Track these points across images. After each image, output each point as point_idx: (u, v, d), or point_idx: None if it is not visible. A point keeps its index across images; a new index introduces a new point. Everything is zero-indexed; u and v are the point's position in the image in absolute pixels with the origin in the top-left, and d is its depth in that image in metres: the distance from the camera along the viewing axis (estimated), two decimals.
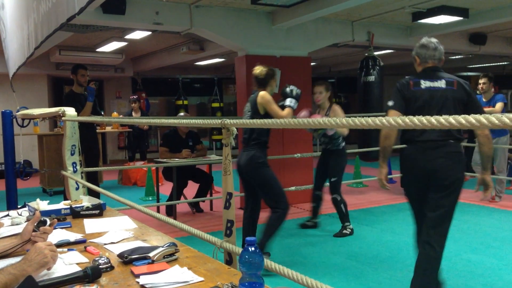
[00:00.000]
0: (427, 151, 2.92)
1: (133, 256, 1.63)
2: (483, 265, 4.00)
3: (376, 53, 7.63)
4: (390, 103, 3.05)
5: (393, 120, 1.21)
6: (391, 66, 12.59)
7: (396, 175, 8.04)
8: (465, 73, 15.00)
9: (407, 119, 1.09)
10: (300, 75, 6.94)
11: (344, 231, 5.06)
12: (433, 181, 2.91)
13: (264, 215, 4.23)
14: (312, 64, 8.59)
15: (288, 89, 4.16)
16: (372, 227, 5.45)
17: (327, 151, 5.08)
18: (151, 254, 1.63)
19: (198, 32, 6.40)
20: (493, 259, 4.12)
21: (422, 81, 3.01)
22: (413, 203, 3.12)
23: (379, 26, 7.61)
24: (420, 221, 3.09)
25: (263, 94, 4.00)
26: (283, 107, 4.08)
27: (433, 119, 1.00)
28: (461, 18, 6.69)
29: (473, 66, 13.19)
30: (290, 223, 5.79)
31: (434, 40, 3.11)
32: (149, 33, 7.23)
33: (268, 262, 1.80)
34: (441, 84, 2.99)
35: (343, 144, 5.05)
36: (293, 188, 6.15)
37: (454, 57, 11.51)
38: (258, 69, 4.15)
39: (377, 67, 7.25)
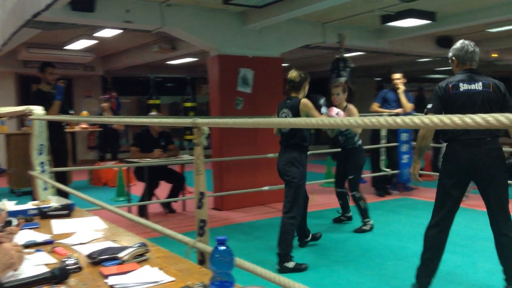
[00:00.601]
0: (470, 148, 3.09)
1: (102, 257, 1.61)
2: (451, 263, 4.09)
3: (346, 55, 7.73)
4: (429, 106, 3.23)
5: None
6: (362, 68, 12.77)
7: (367, 175, 8.17)
8: (432, 76, 15.36)
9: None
10: (272, 75, 6.98)
11: (364, 227, 5.16)
12: (478, 176, 3.13)
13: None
14: (284, 65, 8.64)
15: (320, 100, 4.48)
16: (343, 226, 5.52)
17: (345, 149, 5.27)
18: (120, 255, 1.62)
19: (169, 31, 6.36)
20: (460, 257, 4.23)
21: (460, 84, 3.16)
22: (451, 194, 3.22)
23: (349, 29, 7.71)
24: (444, 214, 3.26)
25: (306, 102, 4.13)
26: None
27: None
28: (429, 21, 6.85)
29: (441, 68, 13.53)
30: (265, 222, 5.82)
31: (471, 43, 3.27)
32: (120, 31, 7.13)
33: (239, 261, 1.81)
34: (478, 86, 3.15)
35: (360, 142, 5.22)
36: (266, 187, 6.18)
37: (422, 60, 11.76)
38: (294, 73, 4.25)
39: (348, 69, 7.34)
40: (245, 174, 6.72)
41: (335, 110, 4.86)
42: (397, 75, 7.02)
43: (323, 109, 4.39)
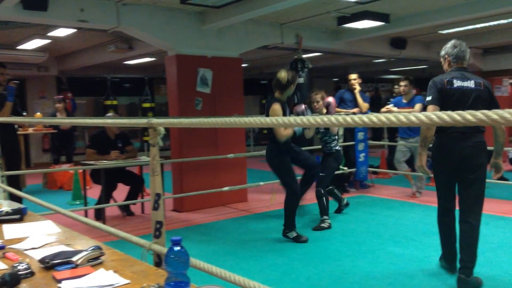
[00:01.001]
0: (459, 140, 3.35)
1: (55, 261, 1.58)
2: (405, 257, 4.23)
3: (304, 55, 7.83)
4: (429, 98, 3.40)
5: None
6: (319, 69, 12.98)
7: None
8: (387, 76, 15.77)
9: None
10: (231, 76, 6.99)
11: (322, 225, 5.29)
12: (464, 165, 3.37)
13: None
14: (244, 65, 8.67)
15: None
16: (303, 224, 5.58)
17: (324, 153, 5.59)
18: (74, 259, 1.59)
19: (125, 30, 6.26)
20: (414, 251, 4.38)
21: (454, 81, 3.38)
22: (443, 182, 3.55)
23: (307, 30, 7.82)
24: (446, 199, 3.57)
25: (274, 107, 4.61)
26: None
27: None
28: (383, 23, 7.03)
29: (395, 69, 13.92)
30: (225, 223, 5.82)
31: (463, 42, 3.51)
32: (74, 30, 6.96)
33: (194, 261, 1.81)
34: (471, 84, 3.39)
35: (336, 147, 5.56)
36: (226, 188, 6.18)
37: (377, 61, 12.07)
38: (282, 74, 4.70)
39: (306, 69, 7.45)
40: (205, 175, 6.70)
41: (302, 106, 5.08)
42: (353, 76, 7.18)
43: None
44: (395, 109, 6.73)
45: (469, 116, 1.03)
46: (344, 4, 6.23)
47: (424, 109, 3.45)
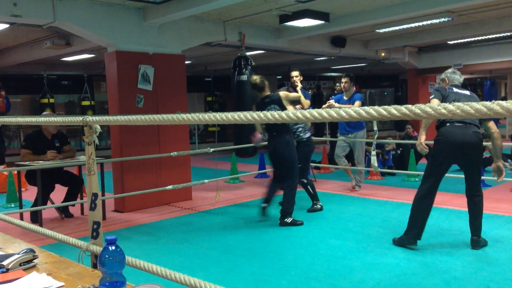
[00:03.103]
0: (461, 129, 4.03)
1: None
2: (344, 248, 4.38)
3: (248, 53, 7.88)
4: (432, 95, 4.16)
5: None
6: (263, 66, 13.11)
7: (271, 169, 8.37)
8: (328, 74, 16.18)
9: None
10: (174, 72, 6.91)
11: (315, 207, 5.93)
12: (467, 149, 4.02)
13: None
14: (187, 62, 8.61)
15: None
16: (247, 220, 5.65)
17: (297, 143, 5.83)
18: (5, 263, 1.53)
19: (62, 26, 6.03)
20: (353, 243, 4.53)
21: (454, 88, 4.23)
22: (441, 168, 4.12)
23: (249, 27, 7.87)
24: (435, 183, 4.13)
25: (283, 92, 5.52)
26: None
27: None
28: (323, 21, 7.20)
29: (336, 67, 14.29)
30: (169, 222, 5.76)
31: (458, 71, 4.45)
32: (7, 25, 6.62)
33: (134, 260, 1.79)
34: (466, 92, 4.24)
35: (307, 135, 5.96)
36: (170, 186, 6.11)
37: (318, 59, 12.34)
38: (254, 77, 5.52)
39: (249, 67, 7.49)
40: (148, 173, 6.59)
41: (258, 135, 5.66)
42: (295, 73, 7.30)
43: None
44: (336, 104, 6.91)
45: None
46: (285, 2, 6.33)
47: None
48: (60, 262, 1.66)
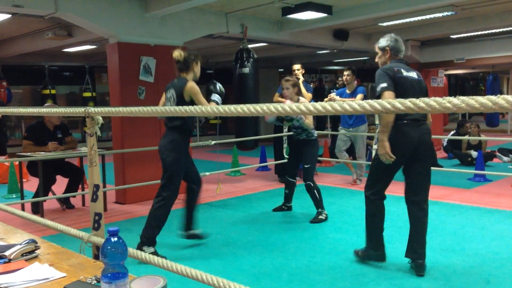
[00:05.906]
0: (416, 128, 3.45)
1: None
2: (345, 242, 4.38)
3: (250, 46, 7.84)
4: (384, 85, 3.35)
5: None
6: (265, 59, 13.07)
7: (271, 162, 8.39)
8: (330, 67, 16.12)
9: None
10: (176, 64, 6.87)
11: (320, 217, 5.16)
12: (421, 149, 3.49)
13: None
14: None
15: (212, 86, 4.39)
16: (248, 213, 5.65)
17: (300, 141, 5.28)
18: (7, 253, 1.54)
19: (64, 16, 6.00)
20: (354, 236, 4.54)
21: (402, 70, 3.46)
22: (391, 169, 3.55)
23: (252, 20, 7.83)
24: (384, 185, 3.67)
25: (192, 85, 4.06)
26: (208, 101, 4.21)
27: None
28: (326, 14, 7.15)
29: (338, 60, 14.24)
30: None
31: (398, 36, 3.63)
32: (9, 16, 6.59)
33: (135, 252, 1.80)
34: (414, 75, 3.52)
35: (316, 135, 5.34)
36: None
37: (320, 52, 12.29)
38: (176, 52, 4.19)
39: (251, 59, 7.46)
40: (149, 165, 6.58)
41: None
42: (296, 66, 7.28)
43: (213, 96, 4.37)
44: (337, 97, 6.90)
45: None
46: None
47: (378, 97, 3.36)
48: (62, 253, 1.66)
